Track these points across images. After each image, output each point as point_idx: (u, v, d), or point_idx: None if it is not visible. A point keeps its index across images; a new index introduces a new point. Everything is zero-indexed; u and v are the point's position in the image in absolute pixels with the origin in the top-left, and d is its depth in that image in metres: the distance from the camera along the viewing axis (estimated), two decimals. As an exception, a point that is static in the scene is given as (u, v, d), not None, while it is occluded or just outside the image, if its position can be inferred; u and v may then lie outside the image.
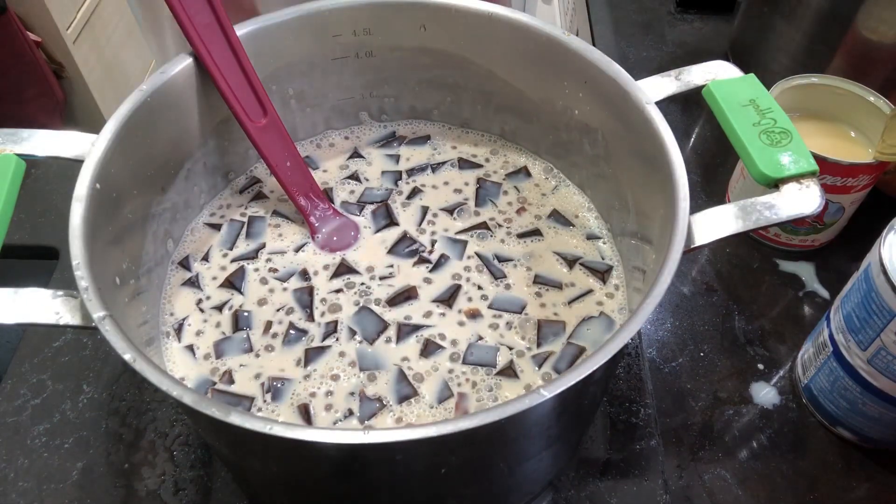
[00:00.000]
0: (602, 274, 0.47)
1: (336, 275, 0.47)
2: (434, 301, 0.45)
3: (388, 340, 0.44)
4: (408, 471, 0.36)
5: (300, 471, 0.39)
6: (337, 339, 0.44)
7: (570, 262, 0.47)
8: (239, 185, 0.52)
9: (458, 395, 0.42)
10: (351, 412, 0.41)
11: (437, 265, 0.47)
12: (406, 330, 0.44)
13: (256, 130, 0.46)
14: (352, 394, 0.42)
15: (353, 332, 0.44)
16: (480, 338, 0.44)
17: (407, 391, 0.42)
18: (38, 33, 1.21)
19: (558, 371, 0.43)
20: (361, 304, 0.45)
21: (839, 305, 0.46)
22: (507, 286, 0.46)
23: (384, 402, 0.41)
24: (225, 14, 0.43)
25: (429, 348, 0.43)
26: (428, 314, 0.45)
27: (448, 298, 0.46)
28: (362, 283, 0.46)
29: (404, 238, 0.49)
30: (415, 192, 0.51)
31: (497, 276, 0.47)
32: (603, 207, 0.50)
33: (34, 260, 0.60)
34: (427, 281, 0.46)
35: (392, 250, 0.48)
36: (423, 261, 0.47)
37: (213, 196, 0.51)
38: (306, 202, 0.49)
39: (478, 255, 0.48)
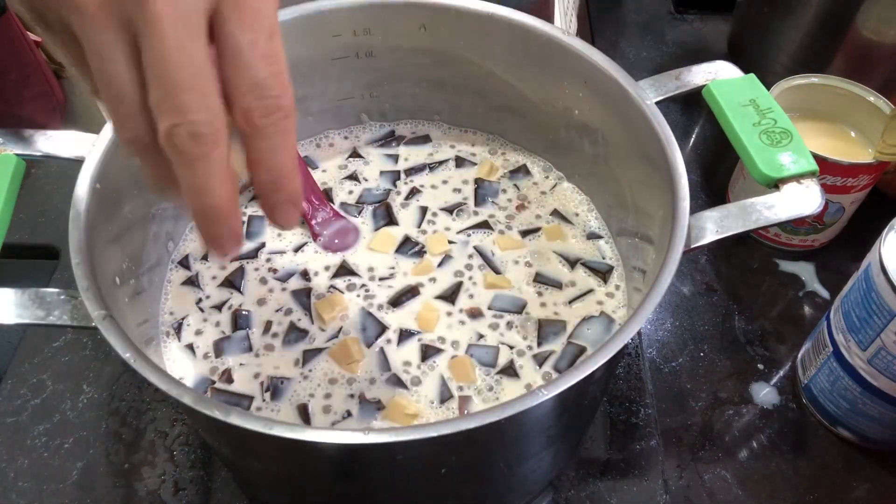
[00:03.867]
0: (602, 274, 0.47)
1: (336, 276, 0.47)
2: (436, 298, 0.45)
3: (389, 342, 0.44)
4: (408, 471, 0.36)
5: (300, 471, 0.39)
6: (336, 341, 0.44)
7: (571, 261, 0.48)
8: (239, 184, 0.52)
9: (458, 395, 0.42)
10: (350, 413, 0.41)
11: (440, 263, 0.47)
12: (406, 332, 0.44)
13: (257, 132, 0.46)
14: (351, 395, 0.42)
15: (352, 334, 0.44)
16: (481, 336, 0.44)
17: (408, 392, 0.42)
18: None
19: (559, 370, 0.43)
20: (362, 306, 0.45)
21: (839, 305, 0.46)
22: (509, 284, 0.46)
23: (384, 404, 0.41)
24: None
25: (429, 350, 0.43)
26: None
27: (450, 295, 0.46)
28: (363, 286, 0.46)
29: (407, 241, 0.49)
30: (413, 193, 0.51)
31: (498, 273, 0.47)
32: (603, 207, 0.50)
33: (34, 260, 0.60)
34: (432, 280, 0.46)
35: (397, 251, 0.48)
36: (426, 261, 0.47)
37: (213, 196, 0.51)
38: (308, 206, 0.49)
39: (479, 252, 0.48)
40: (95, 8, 0.23)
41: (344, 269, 0.47)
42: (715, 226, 0.37)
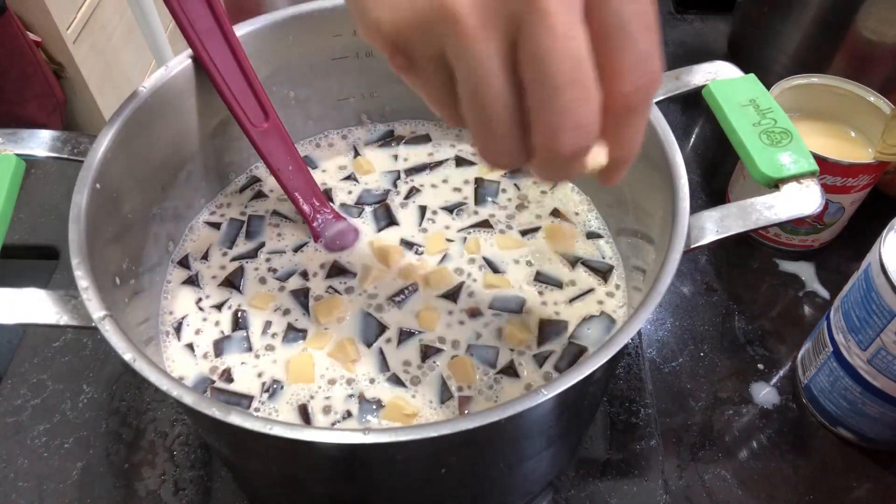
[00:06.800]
0: (603, 273, 0.47)
1: (336, 276, 0.47)
2: (438, 297, 0.45)
3: (388, 342, 0.44)
4: (408, 471, 0.36)
5: (300, 471, 0.39)
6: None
7: (572, 261, 0.48)
8: (239, 183, 0.52)
9: (458, 395, 0.42)
10: (349, 413, 0.41)
11: (440, 263, 0.47)
12: (406, 332, 0.44)
13: (258, 135, 0.46)
14: (350, 395, 0.42)
15: (352, 334, 0.44)
16: (480, 336, 0.44)
17: (407, 392, 0.42)
18: (38, 33, 1.21)
19: (559, 370, 0.43)
20: (361, 306, 0.45)
21: (839, 305, 0.46)
22: (508, 284, 0.46)
23: (384, 404, 0.41)
24: (226, 18, 0.43)
25: (429, 350, 0.43)
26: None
27: (451, 295, 0.46)
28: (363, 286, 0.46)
29: (408, 241, 0.49)
30: (413, 192, 0.51)
31: (499, 273, 0.47)
32: (602, 206, 0.50)
33: (34, 260, 0.60)
34: (432, 279, 0.46)
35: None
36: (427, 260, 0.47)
37: (213, 195, 0.51)
38: (309, 208, 0.49)
39: (479, 251, 0.48)
40: (476, 17, 0.22)
41: (344, 270, 0.47)
42: (715, 226, 0.37)
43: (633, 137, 0.26)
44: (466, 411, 0.41)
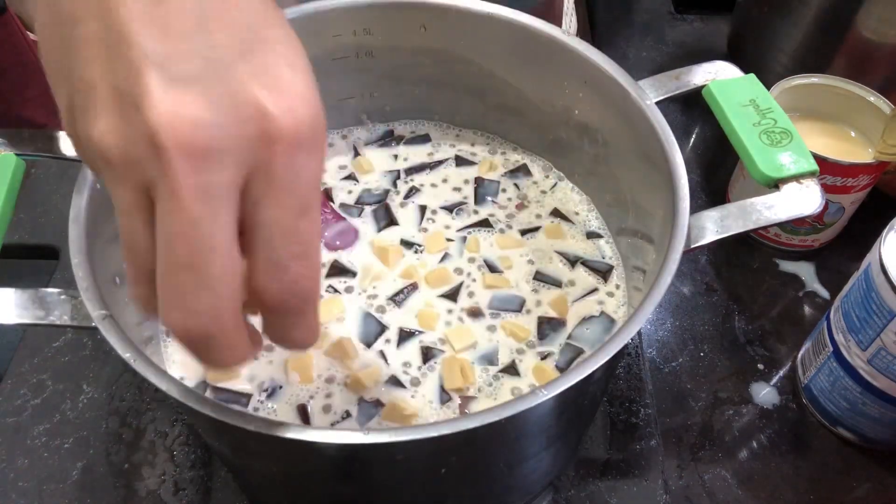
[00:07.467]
0: (603, 273, 0.47)
1: (335, 276, 0.47)
2: (438, 297, 0.45)
3: (388, 342, 0.44)
4: (408, 471, 0.36)
5: (300, 471, 0.39)
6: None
7: (572, 260, 0.48)
8: (239, 184, 0.52)
9: (458, 395, 0.42)
10: (349, 413, 0.41)
11: (440, 262, 0.47)
12: (406, 333, 0.44)
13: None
14: (350, 396, 0.42)
15: (351, 334, 0.44)
16: (480, 336, 0.44)
17: (407, 393, 0.42)
18: (39, 33, 1.20)
19: (559, 370, 0.43)
20: (360, 306, 0.45)
21: (839, 305, 0.46)
22: (507, 283, 0.46)
23: (383, 405, 0.41)
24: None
25: (429, 351, 0.43)
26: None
27: (451, 294, 0.46)
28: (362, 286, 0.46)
29: (408, 241, 0.49)
30: (413, 192, 0.51)
31: (498, 272, 0.47)
32: (602, 206, 0.50)
33: (34, 260, 0.60)
34: (431, 279, 0.46)
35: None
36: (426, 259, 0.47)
37: (213, 196, 0.51)
38: None
39: (478, 251, 0.48)
40: (119, 163, 0.22)
41: (344, 270, 0.47)
42: (715, 226, 0.37)
43: (282, 335, 0.26)
44: (466, 411, 0.41)
